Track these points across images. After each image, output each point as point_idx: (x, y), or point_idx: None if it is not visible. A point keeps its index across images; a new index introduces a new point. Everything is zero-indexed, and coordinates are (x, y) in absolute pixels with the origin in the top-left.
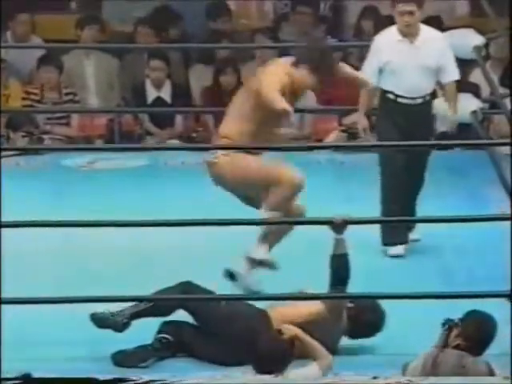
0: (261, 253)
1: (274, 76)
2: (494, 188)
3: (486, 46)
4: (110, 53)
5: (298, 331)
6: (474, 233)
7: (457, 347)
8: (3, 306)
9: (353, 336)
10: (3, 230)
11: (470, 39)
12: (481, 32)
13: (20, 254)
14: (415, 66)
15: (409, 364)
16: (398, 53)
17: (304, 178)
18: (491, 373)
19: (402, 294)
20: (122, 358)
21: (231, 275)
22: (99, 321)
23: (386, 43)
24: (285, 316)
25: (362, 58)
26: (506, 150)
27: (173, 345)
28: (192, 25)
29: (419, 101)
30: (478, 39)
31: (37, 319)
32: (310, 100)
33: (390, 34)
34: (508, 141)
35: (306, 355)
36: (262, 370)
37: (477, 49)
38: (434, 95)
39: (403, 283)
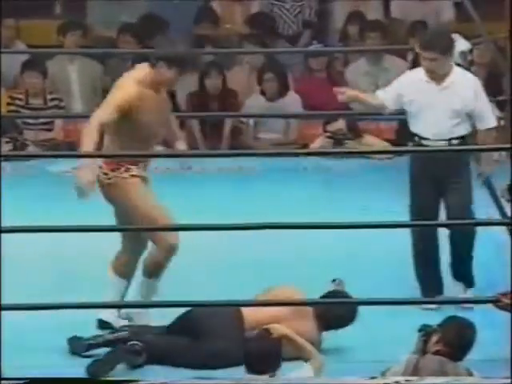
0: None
1: (108, 104)
2: (481, 193)
3: (471, 51)
4: (93, 58)
5: (288, 331)
6: None
7: (437, 353)
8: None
9: (326, 328)
10: None
11: (456, 45)
12: (466, 37)
13: (10, 260)
14: (440, 108)
15: (388, 370)
16: (423, 93)
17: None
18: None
19: (386, 299)
20: (94, 368)
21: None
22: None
23: (412, 82)
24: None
25: (347, 63)
26: (493, 156)
27: (143, 352)
28: (177, 30)
29: (443, 143)
30: (464, 44)
31: (29, 325)
32: (295, 105)
33: (418, 74)
34: (508, 146)
35: (297, 356)
36: (253, 369)
37: (463, 54)
38: (467, 138)
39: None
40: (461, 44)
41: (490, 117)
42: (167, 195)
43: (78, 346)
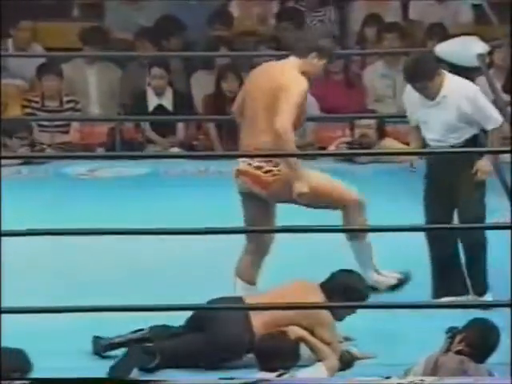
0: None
1: (289, 101)
2: (497, 196)
3: (490, 53)
4: (111, 61)
5: (304, 333)
6: None
7: (459, 353)
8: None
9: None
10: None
11: (473, 47)
12: (484, 40)
13: (16, 264)
14: (436, 123)
15: (411, 369)
16: (420, 107)
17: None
18: None
19: (401, 303)
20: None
21: None
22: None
23: (410, 96)
24: (294, 316)
25: (364, 65)
26: (506, 157)
27: (158, 353)
28: (194, 32)
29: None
30: (482, 47)
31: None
32: (311, 108)
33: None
34: (508, 148)
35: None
36: (265, 367)
37: (481, 56)
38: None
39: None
40: (478, 46)
41: (493, 116)
42: (183, 197)
43: (99, 346)
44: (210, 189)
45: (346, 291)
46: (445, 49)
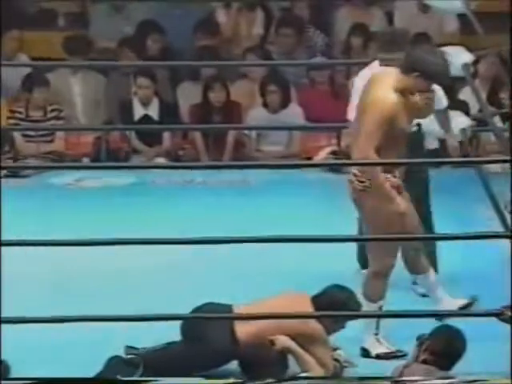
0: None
1: (369, 122)
2: (482, 206)
3: (475, 63)
4: (96, 70)
5: (291, 343)
6: (466, 252)
7: (424, 362)
8: None
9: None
10: None
11: (459, 56)
12: (470, 49)
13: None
14: None
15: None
16: None
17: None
18: None
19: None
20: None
21: None
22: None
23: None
24: (282, 327)
25: (349, 75)
26: (495, 167)
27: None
28: (180, 41)
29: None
30: (468, 57)
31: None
32: (297, 118)
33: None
34: (508, 158)
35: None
36: (249, 375)
37: (466, 66)
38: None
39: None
40: (464, 56)
41: (442, 98)
42: (169, 207)
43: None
44: (195, 199)
45: (335, 307)
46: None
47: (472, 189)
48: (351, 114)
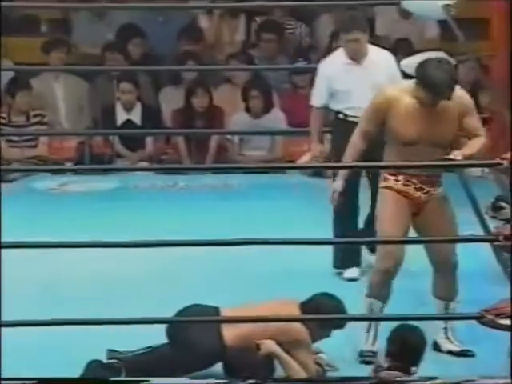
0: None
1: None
2: (464, 210)
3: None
4: (79, 75)
5: (276, 348)
6: None
7: (389, 369)
8: None
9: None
10: None
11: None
12: (450, 55)
13: None
14: (364, 86)
15: None
16: (346, 75)
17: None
18: None
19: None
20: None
21: None
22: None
23: (334, 68)
24: (268, 331)
25: None
26: (475, 171)
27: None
28: (163, 47)
29: None
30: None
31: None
32: (280, 123)
33: (338, 58)
34: (492, 162)
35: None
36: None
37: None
38: None
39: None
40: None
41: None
42: (152, 211)
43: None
44: (178, 203)
45: (322, 314)
46: (410, 65)
47: (453, 193)
48: (314, 100)
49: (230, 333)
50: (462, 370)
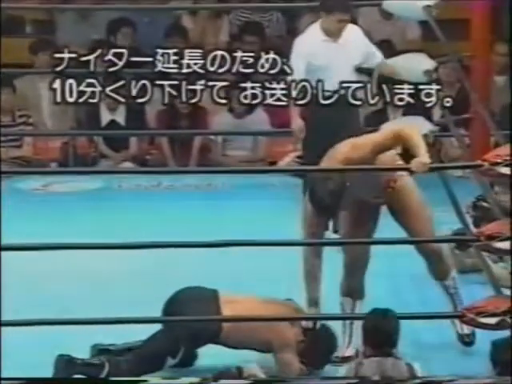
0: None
1: None
2: (445, 210)
3: (436, 69)
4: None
5: (258, 373)
6: None
7: (369, 357)
8: None
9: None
10: None
11: (421, 63)
12: (432, 56)
13: None
14: (341, 63)
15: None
16: (323, 52)
17: None
18: (412, 373)
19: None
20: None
21: None
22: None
23: (311, 44)
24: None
25: None
26: (457, 172)
27: (105, 366)
28: (147, 48)
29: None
30: (429, 63)
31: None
32: (262, 123)
33: (313, 35)
34: (474, 163)
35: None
36: None
37: (427, 73)
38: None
39: None
40: (425, 62)
41: (376, 53)
42: (136, 211)
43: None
44: (162, 202)
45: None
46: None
47: (434, 192)
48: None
49: (227, 312)
50: (444, 370)
